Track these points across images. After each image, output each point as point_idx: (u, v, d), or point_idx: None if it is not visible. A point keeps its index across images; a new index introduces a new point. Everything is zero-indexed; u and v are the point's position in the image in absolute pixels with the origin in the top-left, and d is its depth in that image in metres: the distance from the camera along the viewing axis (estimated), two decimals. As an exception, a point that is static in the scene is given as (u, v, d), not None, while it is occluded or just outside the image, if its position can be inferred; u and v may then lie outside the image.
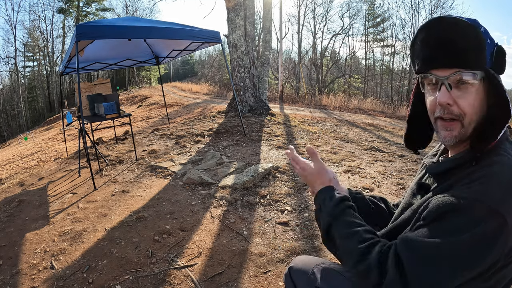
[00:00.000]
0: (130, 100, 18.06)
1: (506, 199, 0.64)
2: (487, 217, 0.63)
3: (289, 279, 1.08)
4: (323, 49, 23.98)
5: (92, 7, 32.78)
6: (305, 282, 1.01)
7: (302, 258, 1.12)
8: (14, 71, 32.32)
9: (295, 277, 1.06)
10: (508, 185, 0.65)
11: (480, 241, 0.63)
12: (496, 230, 0.63)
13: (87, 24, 3.89)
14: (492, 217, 0.62)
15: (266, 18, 9.07)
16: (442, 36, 0.71)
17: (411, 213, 0.80)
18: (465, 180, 0.70)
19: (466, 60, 0.70)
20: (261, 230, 2.55)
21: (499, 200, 0.63)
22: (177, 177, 3.77)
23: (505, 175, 0.66)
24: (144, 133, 6.41)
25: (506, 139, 0.76)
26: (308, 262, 1.07)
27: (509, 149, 0.73)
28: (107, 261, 2.19)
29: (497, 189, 0.64)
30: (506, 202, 0.63)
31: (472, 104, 0.73)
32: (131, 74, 33.47)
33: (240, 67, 7.39)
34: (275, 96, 14.29)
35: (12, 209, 3.22)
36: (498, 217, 0.62)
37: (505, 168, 0.67)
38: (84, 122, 3.88)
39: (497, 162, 0.69)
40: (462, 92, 0.72)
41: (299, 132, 6.09)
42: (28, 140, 12.41)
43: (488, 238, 0.63)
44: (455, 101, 0.73)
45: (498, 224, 0.62)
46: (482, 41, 0.70)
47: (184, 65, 56.46)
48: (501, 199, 0.63)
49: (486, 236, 0.63)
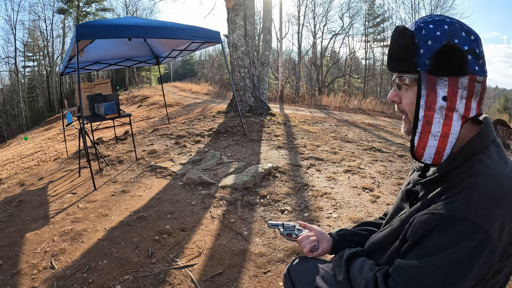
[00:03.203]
0: (130, 100, 18.06)
1: (490, 212, 0.63)
2: (471, 233, 0.63)
3: (288, 279, 1.10)
4: (323, 49, 23.99)
5: (92, 7, 32.81)
6: (304, 282, 1.03)
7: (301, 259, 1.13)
8: (14, 71, 32.33)
9: (294, 277, 1.07)
10: (491, 197, 0.64)
11: (465, 257, 0.63)
12: (481, 245, 0.62)
13: (87, 24, 3.89)
14: (476, 232, 0.62)
15: (266, 18, 9.07)
16: (390, 44, 0.77)
17: (400, 224, 0.82)
18: (448, 192, 0.70)
19: (400, 65, 0.75)
20: (261, 230, 2.55)
21: (483, 215, 0.63)
22: (177, 177, 3.77)
23: (488, 186, 0.65)
24: (144, 133, 6.41)
25: (493, 142, 0.74)
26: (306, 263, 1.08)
27: (494, 154, 0.71)
28: (107, 261, 2.19)
29: (480, 203, 0.64)
30: (490, 215, 0.63)
31: (409, 103, 0.77)
32: (131, 74, 33.47)
33: (240, 67, 7.39)
34: (275, 96, 14.29)
35: (12, 209, 3.22)
36: (481, 231, 0.62)
37: (489, 179, 0.66)
38: (84, 122, 3.88)
39: (480, 172, 0.68)
40: (403, 92, 0.79)
41: (299, 132, 6.09)
42: (28, 140, 12.41)
43: (472, 254, 0.63)
44: (401, 100, 0.80)
45: (481, 239, 0.62)
46: (414, 47, 0.72)
47: (184, 65, 56.47)
48: (485, 213, 0.63)
49: (471, 251, 0.63)
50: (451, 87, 0.70)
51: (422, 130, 0.73)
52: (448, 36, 0.69)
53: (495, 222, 0.63)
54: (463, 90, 0.70)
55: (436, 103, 0.71)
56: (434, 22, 0.71)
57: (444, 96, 0.71)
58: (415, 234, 0.71)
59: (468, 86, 0.70)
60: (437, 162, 0.75)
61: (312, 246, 1.06)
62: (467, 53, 0.69)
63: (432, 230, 0.67)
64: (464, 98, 0.71)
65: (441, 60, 0.69)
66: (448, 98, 0.70)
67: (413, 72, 0.73)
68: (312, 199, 3.10)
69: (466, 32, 0.70)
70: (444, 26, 0.70)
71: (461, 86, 0.70)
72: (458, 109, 0.71)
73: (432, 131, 0.72)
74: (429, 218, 0.68)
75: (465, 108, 0.71)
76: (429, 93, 0.72)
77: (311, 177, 3.67)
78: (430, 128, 0.72)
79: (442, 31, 0.70)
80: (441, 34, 0.70)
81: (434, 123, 0.72)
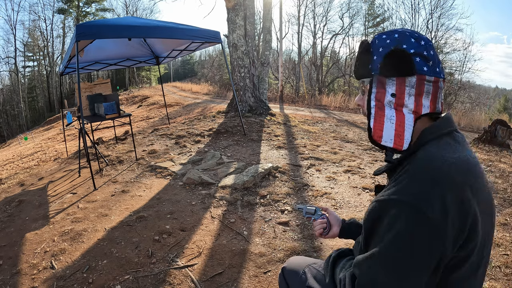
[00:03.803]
0: (130, 100, 18.06)
1: (424, 193, 0.65)
2: (405, 212, 0.65)
3: (283, 279, 1.14)
4: (323, 49, 23.96)
5: (92, 7, 32.80)
6: (297, 282, 1.07)
7: (295, 259, 1.18)
8: (14, 71, 32.33)
9: (288, 277, 1.12)
10: (426, 179, 0.66)
11: (405, 238, 0.65)
12: (417, 223, 0.63)
13: (87, 24, 3.89)
14: (410, 212, 0.64)
15: (266, 18, 9.07)
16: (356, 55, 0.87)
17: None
18: (392, 182, 0.74)
19: (360, 72, 0.85)
20: (261, 230, 2.55)
21: (416, 195, 0.65)
22: (177, 177, 3.77)
23: (424, 169, 0.68)
24: (144, 133, 6.41)
25: (447, 134, 0.76)
26: (300, 263, 1.13)
27: (443, 144, 0.74)
28: (107, 261, 2.19)
29: (414, 185, 0.67)
30: (424, 195, 0.64)
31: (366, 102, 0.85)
32: (131, 74, 33.45)
33: (240, 67, 7.39)
34: (275, 96, 14.28)
35: (12, 209, 3.22)
36: (415, 211, 0.64)
37: (426, 163, 0.69)
38: (84, 122, 3.88)
39: (420, 158, 0.72)
40: (365, 96, 0.86)
41: (299, 132, 6.09)
42: (28, 140, 12.41)
43: (411, 233, 0.64)
44: (363, 103, 0.87)
45: (416, 218, 0.63)
46: (370, 54, 0.81)
47: (184, 65, 56.46)
48: (418, 193, 0.65)
49: (408, 231, 0.64)
50: (398, 85, 0.78)
51: (375, 113, 0.81)
52: (397, 42, 0.78)
53: (432, 202, 0.64)
54: (410, 88, 0.77)
55: (385, 98, 0.79)
56: (387, 33, 0.81)
57: (393, 93, 0.78)
58: (364, 225, 0.76)
59: (417, 85, 0.76)
60: (398, 146, 0.78)
61: (322, 231, 1.15)
62: (414, 55, 0.76)
63: (376, 219, 0.71)
64: (412, 95, 0.77)
65: (388, 63, 0.78)
66: (397, 95, 0.78)
67: (369, 76, 0.83)
68: (312, 199, 3.10)
69: (416, 38, 0.78)
70: (394, 35, 0.79)
71: (408, 84, 0.77)
72: (407, 104, 0.78)
73: (386, 114, 0.79)
74: (372, 207, 0.73)
75: (415, 105, 0.77)
76: (379, 90, 0.80)
77: (311, 177, 3.67)
78: (383, 112, 0.80)
79: (391, 39, 0.79)
80: (391, 41, 0.79)
81: (387, 109, 0.79)
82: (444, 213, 0.63)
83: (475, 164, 0.73)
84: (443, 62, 18.72)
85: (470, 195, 0.67)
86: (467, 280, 0.72)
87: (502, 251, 2.22)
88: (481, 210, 0.69)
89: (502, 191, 3.32)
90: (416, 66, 0.76)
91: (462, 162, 0.70)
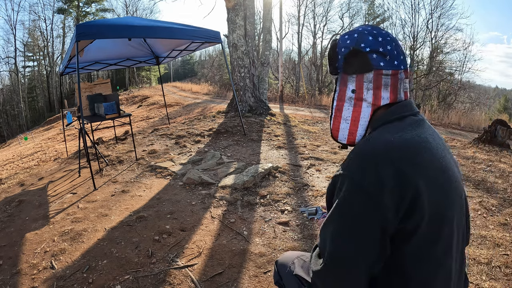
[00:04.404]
0: (130, 100, 18.06)
1: (361, 167, 0.73)
2: (345, 183, 0.75)
3: (276, 272, 1.21)
4: (323, 49, 23.95)
5: (92, 7, 32.80)
6: (287, 273, 1.13)
7: (287, 253, 1.25)
8: (14, 71, 32.32)
9: (280, 270, 1.18)
10: (364, 155, 0.76)
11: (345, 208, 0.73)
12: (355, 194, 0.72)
13: (87, 23, 3.89)
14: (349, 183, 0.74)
15: (266, 18, 9.07)
16: None
17: None
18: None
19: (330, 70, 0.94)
20: (261, 230, 2.55)
21: (354, 169, 0.75)
22: (177, 177, 3.77)
23: (363, 148, 0.78)
24: (144, 133, 6.41)
25: (399, 118, 0.82)
26: (290, 256, 1.20)
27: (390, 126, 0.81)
28: (107, 261, 2.19)
29: (354, 161, 0.77)
30: (361, 169, 0.73)
31: None
32: (131, 74, 33.44)
33: (240, 67, 7.39)
34: (275, 96, 14.28)
35: (12, 209, 3.22)
36: (352, 182, 0.73)
37: (366, 143, 0.79)
38: (84, 122, 3.88)
39: (364, 140, 0.82)
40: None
41: (299, 132, 6.09)
42: (28, 140, 12.41)
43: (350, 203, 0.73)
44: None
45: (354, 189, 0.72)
46: (336, 54, 0.90)
47: (184, 65, 56.45)
48: (356, 167, 0.74)
49: (348, 201, 0.73)
50: (358, 82, 0.86)
51: (334, 115, 0.92)
52: (356, 42, 0.85)
53: (367, 176, 0.71)
54: (368, 83, 0.85)
55: (346, 95, 0.89)
56: (348, 33, 0.89)
57: (353, 89, 0.87)
58: (326, 201, 0.87)
59: (374, 79, 0.84)
60: (351, 141, 0.91)
61: None
62: (370, 53, 0.84)
63: (330, 190, 0.82)
64: (371, 89, 0.85)
65: (347, 62, 0.87)
66: (356, 90, 0.87)
67: (336, 74, 0.92)
68: (312, 199, 3.10)
69: (374, 35, 0.85)
70: (354, 34, 0.87)
71: (366, 80, 0.85)
72: (365, 98, 0.86)
73: (343, 116, 0.90)
74: (329, 184, 0.84)
75: (373, 98, 0.85)
76: (341, 88, 0.90)
77: (311, 177, 3.67)
78: (341, 114, 0.90)
79: (351, 39, 0.87)
80: (350, 41, 0.87)
81: (344, 110, 0.89)
82: (380, 185, 0.70)
83: (422, 141, 0.78)
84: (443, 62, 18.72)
85: (409, 169, 0.71)
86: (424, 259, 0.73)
87: (502, 251, 2.22)
88: (428, 183, 0.72)
89: (502, 191, 3.32)
90: (372, 62, 0.83)
91: (404, 140, 0.76)
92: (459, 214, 0.80)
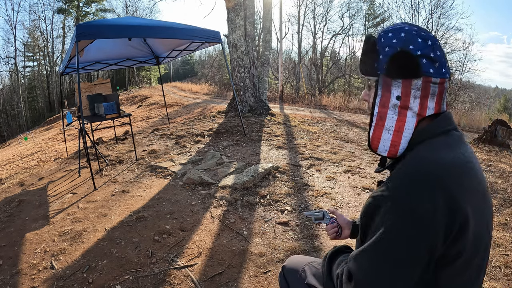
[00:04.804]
0: (130, 100, 18.06)
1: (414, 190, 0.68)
2: (394, 208, 0.69)
3: (283, 278, 1.15)
4: (323, 49, 23.96)
5: (92, 7, 32.79)
6: (297, 280, 1.08)
7: (295, 257, 1.19)
8: (14, 71, 32.32)
9: (288, 276, 1.13)
10: (416, 177, 0.69)
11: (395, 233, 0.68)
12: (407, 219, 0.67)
13: (87, 23, 3.89)
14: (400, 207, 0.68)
15: (266, 18, 9.07)
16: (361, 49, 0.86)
17: None
18: (387, 179, 0.77)
19: (365, 69, 0.84)
20: (261, 230, 2.55)
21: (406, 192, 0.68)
22: (177, 177, 3.77)
23: (414, 168, 0.72)
24: (144, 133, 6.41)
25: (444, 132, 0.77)
26: (299, 261, 1.14)
27: (437, 142, 0.75)
28: (107, 261, 2.19)
29: (405, 183, 0.70)
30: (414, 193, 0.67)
31: (371, 102, 0.86)
32: (131, 74, 33.43)
33: (240, 67, 7.39)
34: (275, 96, 14.28)
35: (12, 209, 3.22)
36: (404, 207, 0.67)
37: (415, 162, 0.73)
38: (84, 122, 3.88)
39: (412, 158, 0.75)
40: (371, 92, 0.86)
41: (299, 132, 6.09)
42: (28, 140, 12.41)
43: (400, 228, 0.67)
44: (369, 99, 0.88)
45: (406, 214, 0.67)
46: (376, 53, 0.81)
47: (184, 65, 56.44)
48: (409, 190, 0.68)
49: (398, 226, 0.67)
50: (404, 88, 0.78)
51: (376, 124, 0.83)
52: (403, 43, 0.77)
53: (421, 200, 0.66)
54: (416, 91, 0.77)
55: (390, 102, 0.80)
56: (393, 31, 0.80)
57: (398, 95, 0.79)
58: (361, 221, 0.80)
59: (422, 87, 0.77)
60: (392, 154, 0.82)
61: (335, 235, 1.18)
62: (421, 57, 0.75)
63: (370, 214, 0.75)
64: (418, 97, 0.77)
65: (394, 65, 0.77)
66: (402, 97, 0.78)
67: (375, 75, 0.82)
68: (312, 199, 3.10)
69: (423, 38, 0.77)
70: (401, 33, 0.78)
71: (414, 87, 0.77)
72: (412, 107, 0.78)
73: (385, 125, 0.81)
74: (367, 203, 0.76)
75: (419, 107, 0.78)
76: (384, 93, 0.81)
77: (311, 177, 3.67)
78: (384, 122, 0.81)
79: (398, 38, 0.78)
80: (397, 41, 0.78)
81: (388, 118, 0.81)
82: (433, 210, 0.65)
83: (467, 161, 0.74)
84: (443, 62, 18.67)
85: (460, 194, 0.68)
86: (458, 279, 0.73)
87: (502, 251, 2.22)
88: (473, 209, 0.70)
89: (502, 191, 3.32)
90: (422, 68, 0.75)
91: (453, 161, 0.72)
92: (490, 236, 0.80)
